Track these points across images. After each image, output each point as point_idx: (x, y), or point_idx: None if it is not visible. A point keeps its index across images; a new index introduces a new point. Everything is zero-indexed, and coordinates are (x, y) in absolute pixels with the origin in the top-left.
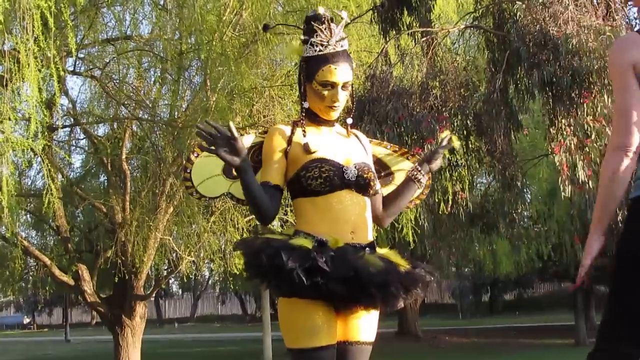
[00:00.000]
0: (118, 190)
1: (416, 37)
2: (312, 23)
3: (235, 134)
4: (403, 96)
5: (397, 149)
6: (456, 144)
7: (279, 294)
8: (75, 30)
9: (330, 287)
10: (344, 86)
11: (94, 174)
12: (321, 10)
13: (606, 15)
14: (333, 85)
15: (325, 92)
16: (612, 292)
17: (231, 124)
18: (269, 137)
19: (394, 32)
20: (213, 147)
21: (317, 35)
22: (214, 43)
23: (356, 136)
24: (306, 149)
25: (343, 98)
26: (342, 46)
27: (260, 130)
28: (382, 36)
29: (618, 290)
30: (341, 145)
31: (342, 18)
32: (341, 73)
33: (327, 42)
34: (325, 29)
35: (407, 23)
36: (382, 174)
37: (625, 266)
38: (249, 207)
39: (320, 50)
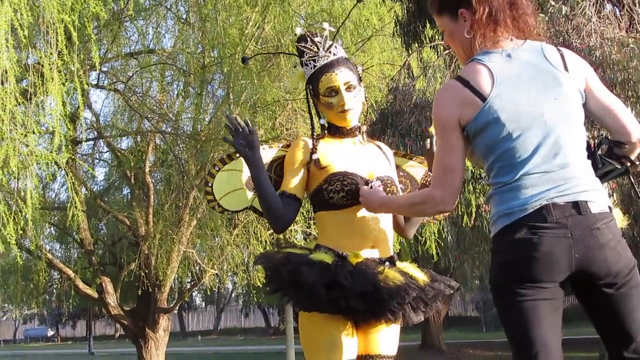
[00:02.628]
0: (141, 203)
1: (439, 50)
2: (297, 45)
3: (251, 128)
4: (426, 109)
5: (422, 160)
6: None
7: (299, 308)
8: (99, 44)
9: (350, 302)
10: (347, 88)
11: (118, 187)
12: (298, 30)
13: (629, 27)
14: (336, 90)
15: (332, 100)
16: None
17: (247, 117)
18: (291, 149)
19: (417, 45)
20: (232, 138)
21: (305, 54)
22: (236, 56)
23: (379, 148)
24: (317, 164)
25: (351, 99)
26: (334, 54)
27: (283, 144)
28: (404, 49)
29: (503, 322)
30: (364, 158)
31: (324, 29)
32: (339, 76)
33: (317, 55)
34: (310, 45)
35: (430, 36)
36: (410, 187)
37: (496, 297)
38: (263, 211)
39: (314, 66)
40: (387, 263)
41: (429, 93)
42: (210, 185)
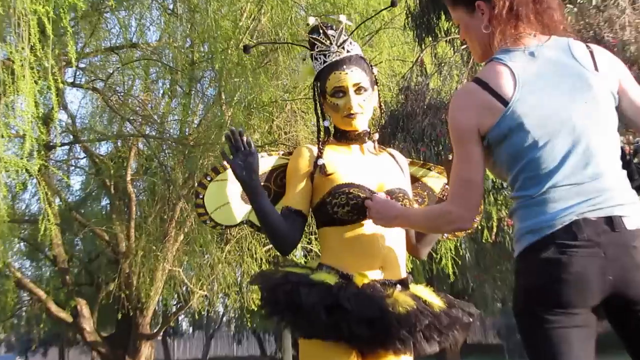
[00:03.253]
0: (122, 216)
1: (455, 44)
2: (309, 37)
3: (253, 149)
4: (441, 110)
5: (441, 171)
6: None
7: (298, 334)
8: (76, 38)
9: (354, 328)
10: (357, 90)
11: (95, 198)
12: (311, 20)
13: None
14: (344, 91)
15: (339, 102)
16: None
17: (248, 137)
18: (293, 158)
19: (430, 39)
20: (231, 157)
21: (316, 47)
22: (229, 52)
23: (392, 157)
24: (322, 171)
25: (360, 103)
26: (347, 50)
27: (284, 152)
28: (417, 44)
29: (528, 351)
30: (374, 168)
31: (340, 22)
32: (349, 76)
33: (328, 50)
34: (322, 38)
35: (445, 29)
36: (428, 201)
37: (520, 324)
38: (267, 236)
39: (324, 62)
40: (397, 286)
41: (445, 93)
42: (201, 197)
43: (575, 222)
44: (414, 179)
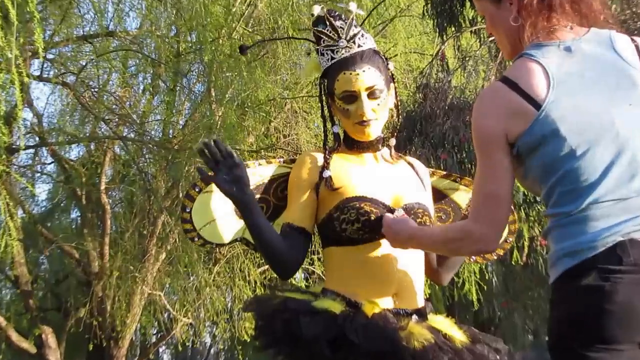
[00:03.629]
0: (95, 231)
1: (482, 35)
2: (314, 29)
3: (237, 159)
4: (465, 112)
5: (470, 182)
6: None
7: None
8: (44, 25)
9: None
10: (371, 94)
11: (64, 209)
12: (316, 9)
13: None
14: (355, 96)
15: (349, 107)
16: None
17: (227, 146)
18: (296, 167)
19: (453, 29)
20: (212, 173)
21: (323, 41)
22: (220, 42)
23: (411, 165)
24: (328, 184)
25: (374, 108)
26: (358, 45)
27: (285, 159)
28: (437, 34)
29: None
30: (389, 179)
31: (350, 11)
32: (361, 78)
33: (336, 45)
34: (329, 31)
35: (470, 18)
36: (453, 218)
37: (556, 358)
38: (264, 258)
39: (332, 58)
40: (413, 316)
41: (469, 91)
42: (188, 210)
43: (620, 244)
44: (437, 192)
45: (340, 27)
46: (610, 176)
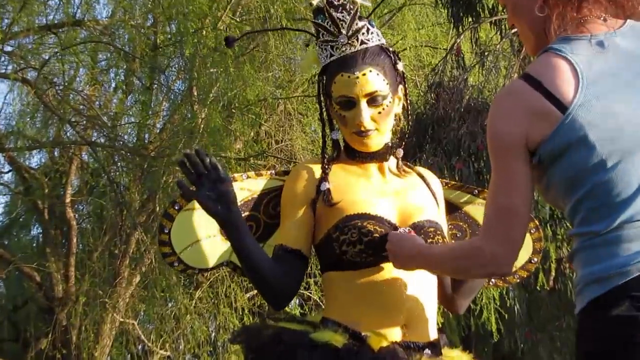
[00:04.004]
0: (59, 250)
1: (503, 27)
2: (313, 22)
3: (222, 173)
4: (483, 114)
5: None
6: None
7: None
8: (1, 13)
9: None
10: (371, 100)
11: (24, 225)
12: None
13: None
14: (353, 102)
15: (346, 114)
16: None
17: (212, 157)
18: (290, 180)
19: (471, 19)
20: (193, 188)
21: (322, 35)
22: (203, 33)
23: (422, 177)
24: (326, 199)
25: (375, 117)
26: (361, 42)
27: (276, 171)
28: (452, 25)
29: None
30: (397, 194)
31: (355, 2)
32: (360, 82)
33: (336, 41)
34: (328, 24)
35: (490, 7)
36: (469, 236)
37: None
38: (254, 285)
39: (330, 55)
40: (426, 350)
41: (488, 91)
42: (166, 231)
43: None
44: (451, 205)
45: (342, 20)
46: None
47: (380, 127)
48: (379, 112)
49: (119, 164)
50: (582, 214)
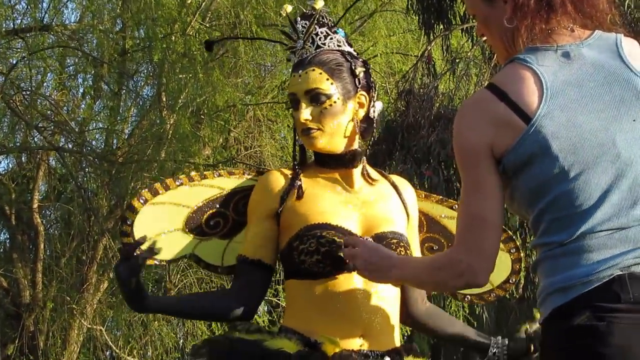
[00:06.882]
0: (26, 255)
1: (474, 34)
2: (282, 30)
3: (130, 251)
4: (454, 122)
5: None
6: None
7: None
8: None
9: None
10: (312, 98)
11: None
12: (289, 8)
13: None
14: (297, 100)
15: (294, 113)
16: None
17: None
18: (256, 189)
19: (442, 26)
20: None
21: (289, 43)
22: (173, 38)
23: (394, 187)
24: (299, 194)
25: (313, 115)
26: (317, 46)
27: (254, 173)
28: (423, 32)
29: None
30: (363, 204)
31: (313, 8)
32: (301, 79)
33: (295, 46)
34: (291, 32)
35: (461, 14)
36: (447, 247)
37: None
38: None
39: (293, 60)
40: (386, 358)
41: (459, 98)
42: (130, 223)
43: (617, 279)
44: (430, 220)
45: (303, 28)
46: (608, 202)
47: (324, 127)
48: (321, 111)
49: (87, 169)
50: (545, 224)
